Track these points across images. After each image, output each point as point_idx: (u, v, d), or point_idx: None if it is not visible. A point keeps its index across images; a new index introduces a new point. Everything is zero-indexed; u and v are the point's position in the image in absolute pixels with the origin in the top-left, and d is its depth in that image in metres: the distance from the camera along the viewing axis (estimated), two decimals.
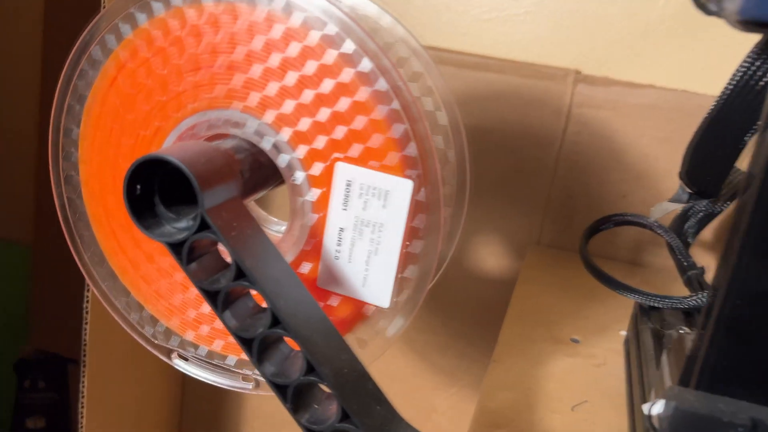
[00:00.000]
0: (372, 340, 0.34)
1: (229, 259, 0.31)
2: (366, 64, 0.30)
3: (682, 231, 0.53)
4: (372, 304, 0.33)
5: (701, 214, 0.53)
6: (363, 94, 0.30)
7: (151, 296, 0.37)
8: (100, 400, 0.47)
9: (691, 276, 0.47)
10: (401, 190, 0.31)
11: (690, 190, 0.47)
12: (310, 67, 0.31)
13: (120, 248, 0.36)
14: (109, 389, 0.49)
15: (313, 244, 0.33)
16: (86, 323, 0.43)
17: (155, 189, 0.29)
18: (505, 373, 0.42)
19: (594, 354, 0.47)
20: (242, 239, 0.28)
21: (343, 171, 0.31)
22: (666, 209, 0.49)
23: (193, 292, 0.36)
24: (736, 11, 0.22)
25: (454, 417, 0.72)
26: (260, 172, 0.33)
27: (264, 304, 0.29)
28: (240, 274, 0.28)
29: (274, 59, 0.31)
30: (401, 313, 0.33)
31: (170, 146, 0.28)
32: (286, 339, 0.30)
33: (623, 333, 0.49)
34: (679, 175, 0.44)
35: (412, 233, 0.31)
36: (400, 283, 0.32)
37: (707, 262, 0.45)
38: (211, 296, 0.29)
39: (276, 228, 0.41)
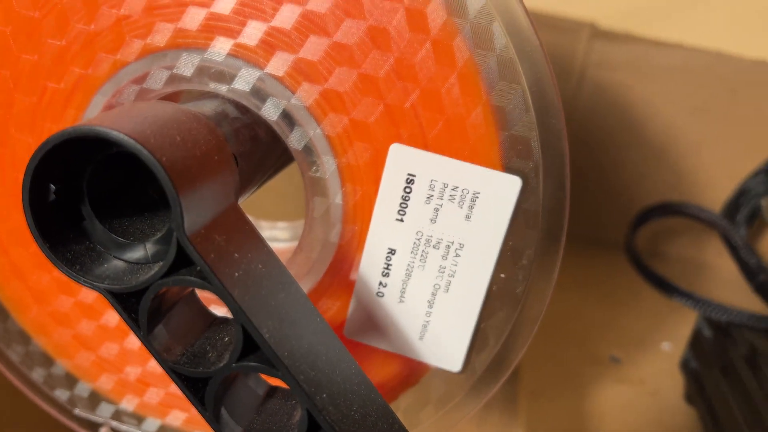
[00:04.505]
0: (424, 418, 0.22)
1: (216, 310, 0.18)
2: None
3: (734, 221, 0.44)
4: (433, 365, 0.21)
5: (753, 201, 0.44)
6: (449, 30, 0.18)
7: (67, 344, 0.23)
8: None
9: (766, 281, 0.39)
10: (502, 192, 0.19)
11: None
12: None
13: (12, 268, 0.23)
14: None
15: (341, 271, 0.21)
16: None
17: (83, 191, 0.16)
18: (548, 409, 0.35)
19: (643, 378, 0.40)
20: (252, 286, 0.15)
21: (404, 158, 0.19)
22: None
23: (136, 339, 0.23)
24: None
25: None
26: (257, 155, 0.20)
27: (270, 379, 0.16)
28: (249, 347, 0.15)
29: None
30: (477, 382, 0.21)
31: (116, 111, 0.15)
32: None
33: (665, 346, 0.42)
34: None
35: (510, 260, 0.20)
36: (482, 335, 0.20)
37: None
38: (195, 386, 0.16)
39: (268, 234, 0.28)
